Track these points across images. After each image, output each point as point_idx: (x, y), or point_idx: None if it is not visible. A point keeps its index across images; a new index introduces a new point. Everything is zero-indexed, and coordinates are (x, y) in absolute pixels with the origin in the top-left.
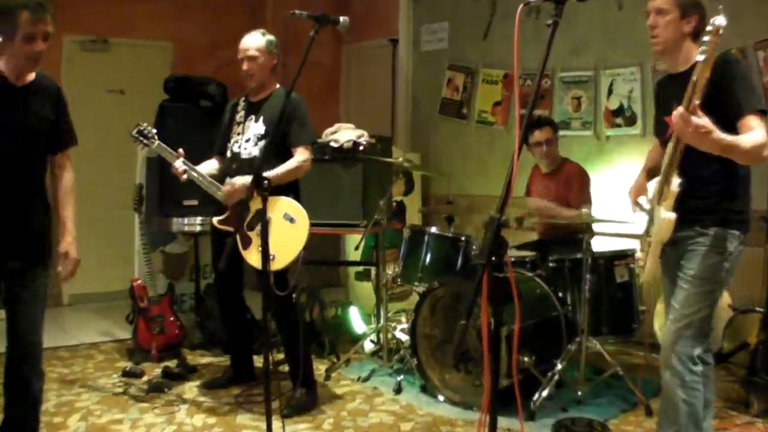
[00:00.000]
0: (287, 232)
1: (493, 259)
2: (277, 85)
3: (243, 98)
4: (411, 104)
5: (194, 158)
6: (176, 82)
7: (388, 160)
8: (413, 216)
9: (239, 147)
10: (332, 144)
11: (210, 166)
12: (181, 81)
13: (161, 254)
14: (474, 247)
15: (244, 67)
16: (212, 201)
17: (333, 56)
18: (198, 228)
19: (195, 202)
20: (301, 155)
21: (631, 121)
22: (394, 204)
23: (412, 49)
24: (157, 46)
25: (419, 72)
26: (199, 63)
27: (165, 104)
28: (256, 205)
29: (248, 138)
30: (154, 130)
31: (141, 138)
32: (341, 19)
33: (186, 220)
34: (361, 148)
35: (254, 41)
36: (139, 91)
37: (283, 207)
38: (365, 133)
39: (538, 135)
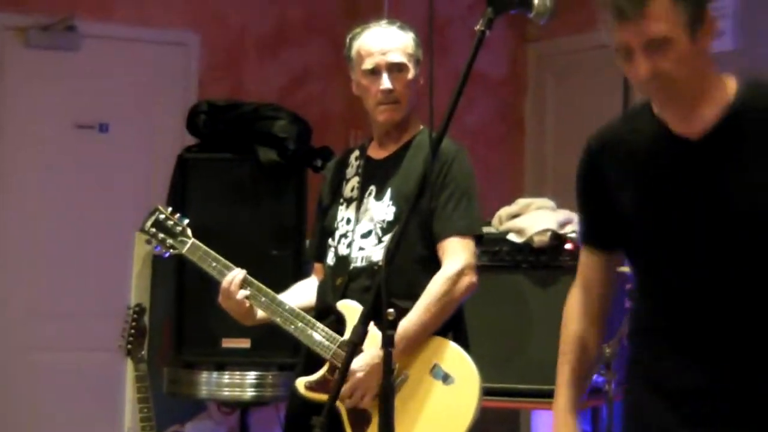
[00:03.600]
0: (438, 402)
1: None
2: (419, 125)
3: (356, 152)
4: None
5: (257, 272)
6: (212, 114)
7: (622, 269)
8: None
9: (348, 246)
10: (512, 238)
11: (304, 293)
12: (220, 111)
13: None
14: None
15: (383, 85)
16: (288, 343)
17: (510, 64)
18: (250, 393)
19: (245, 343)
20: (454, 261)
21: None
22: None
23: None
24: (170, 39)
25: None
26: (255, 75)
27: (189, 155)
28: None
29: (368, 230)
30: (186, 221)
31: (161, 235)
32: None
33: (227, 377)
34: (569, 246)
35: (398, 36)
36: (136, 127)
37: (431, 354)
38: (575, 218)
39: None
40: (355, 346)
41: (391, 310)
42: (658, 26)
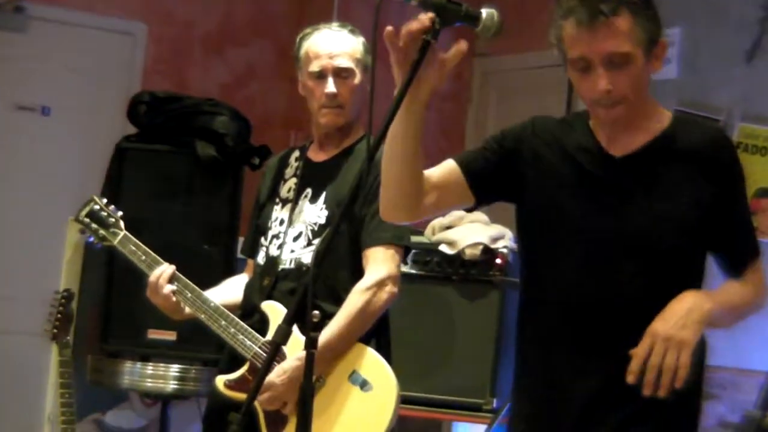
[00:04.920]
0: (355, 407)
1: None
2: (361, 131)
3: (296, 153)
4: None
5: (187, 267)
6: (153, 105)
7: None
8: None
9: (279, 247)
10: (443, 249)
11: (233, 290)
12: (161, 102)
13: (96, 427)
14: None
15: (328, 89)
16: (213, 339)
17: (455, 78)
18: (172, 386)
19: (171, 336)
20: (376, 271)
21: None
22: None
23: None
24: (118, 28)
25: None
26: (199, 70)
27: (128, 145)
28: (296, 353)
29: (298, 232)
30: (119, 213)
31: (94, 226)
32: (483, 12)
33: (150, 369)
34: (499, 261)
35: (347, 40)
36: (78, 113)
37: (351, 360)
38: (507, 233)
39: None
40: (278, 346)
41: (316, 312)
42: (622, 43)
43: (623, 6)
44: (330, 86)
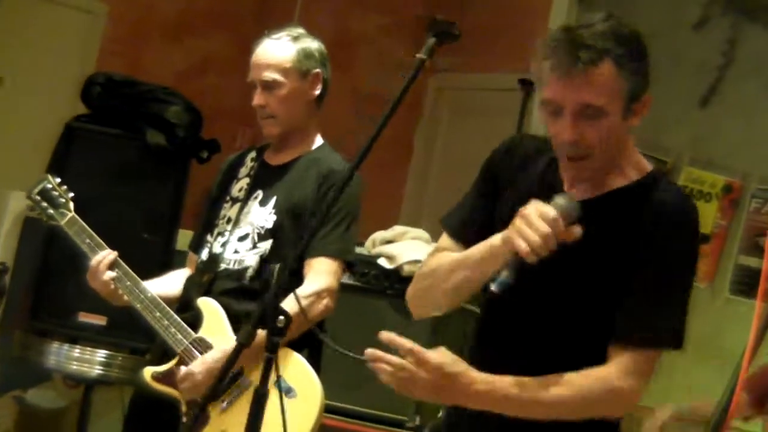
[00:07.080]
0: (277, 413)
1: None
2: (318, 139)
3: (253, 153)
4: None
5: (125, 253)
6: (107, 87)
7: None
8: None
9: (223, 246)
10: (382, 263)
11: (174, 283)
12: (116, 86)
13: (15, 404)
14: None
15: (256, 100)
16: (143, 328)
17: (409, 91)
18: (97, 371)
19: (102, 320)
20: (316, 280)
21: None
22: None
23: None
24: (79, 6)
25: None
26: (156, 57)
27: (77, 124)
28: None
29: (245, 233)
30: (71, 194)
31: (44, 204)
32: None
33: (77, 351)
34: None
35: (277, 50)
36: (31, 86)
37: (278, 366)
38: None
39: None
40: (241, 347)
41: (281, 317)
42: (598, 95)
43: (607, 56)
44: (256, 98)
